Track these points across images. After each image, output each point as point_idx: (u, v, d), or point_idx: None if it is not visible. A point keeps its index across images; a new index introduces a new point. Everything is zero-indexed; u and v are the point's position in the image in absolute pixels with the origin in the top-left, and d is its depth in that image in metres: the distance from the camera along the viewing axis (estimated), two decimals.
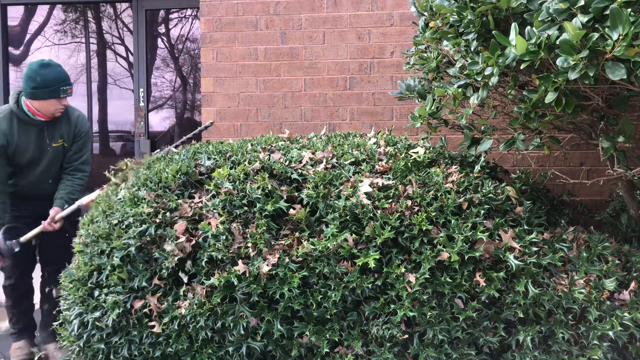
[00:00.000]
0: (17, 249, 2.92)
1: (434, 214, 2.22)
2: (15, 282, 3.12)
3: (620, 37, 1.66)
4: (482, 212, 2.25)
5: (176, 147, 3.02)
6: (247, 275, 2.16)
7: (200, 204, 2.37)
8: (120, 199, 2.52)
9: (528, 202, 2.39)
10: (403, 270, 2.13)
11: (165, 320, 2.20)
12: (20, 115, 2.88)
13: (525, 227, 2.29)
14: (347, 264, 2.17)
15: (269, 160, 2.52)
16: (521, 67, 1.94)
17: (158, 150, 3.04)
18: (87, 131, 3.13)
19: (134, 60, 5.03)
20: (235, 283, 2.15)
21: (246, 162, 2.52)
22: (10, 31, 5.24)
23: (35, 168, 3.00)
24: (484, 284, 2.13)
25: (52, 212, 2.95)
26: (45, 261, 3.19)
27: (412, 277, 2.12)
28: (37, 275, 3.33)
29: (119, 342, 2.28)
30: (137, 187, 2.52)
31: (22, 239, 2.98)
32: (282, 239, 2.28)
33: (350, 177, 2.43)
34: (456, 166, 2.55)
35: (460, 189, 2.36)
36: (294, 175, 2.43)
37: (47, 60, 2.87)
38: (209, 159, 2.59)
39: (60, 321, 2.47)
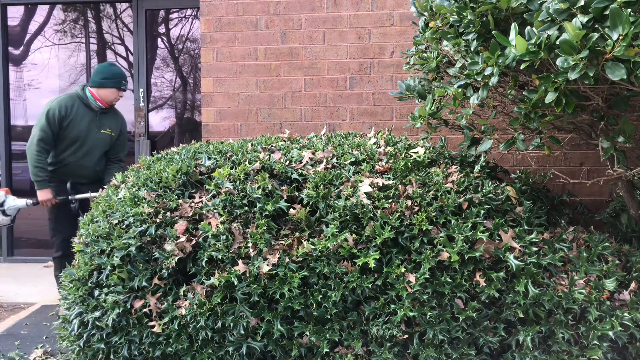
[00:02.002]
0: (72, 200, 3.61)
1: (434, 214, 2.22)
2: (62, 253, 3.64)
3: (620, 37, 1.66)
4: (482, 212, 2.25)
5: None
6: (247, 275, 2.16)
7: (200, 204, 2.37)
8: (120, 198, 2.52)
9: (528, 202, 2.39)
10: (403, 270, 2.13)
11: (165, 320, 2.20)
12: (83, 99, 3.65)
13: (525, 227, 2.29)
14: (347, 264, 2.17)
15: (269, 160, 2.52)
16: (521, 67, 1.94)
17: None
18: (126, 129, 3.97)
19: (134, 60, 5.03)
20: (236, 283, 2.15)
21: (246, 162, 2.53)
22: (10, 31, 5.24)
23: (80, 147, 3.63)
24: (484, 284, 2.13)
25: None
26: None
27: (412, 277, 2.12)
28: None
29: (119, 341, 2.28)
30: (138, 187, 2.53)
31: (78, 196, 3.60)
32: (282, 239, 2.28)
33: (350, 177, 2.43)
34: (456, 166, 2.55)
35: (460, 189, 2.36)
36: (294, 175, 2.43)
37: (113, 62, 3.95)
38: (209, 158, 2.59)
39: (60, 320, 2.48)
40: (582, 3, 1.76)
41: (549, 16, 1.86)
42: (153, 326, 2.24)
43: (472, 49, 2.21)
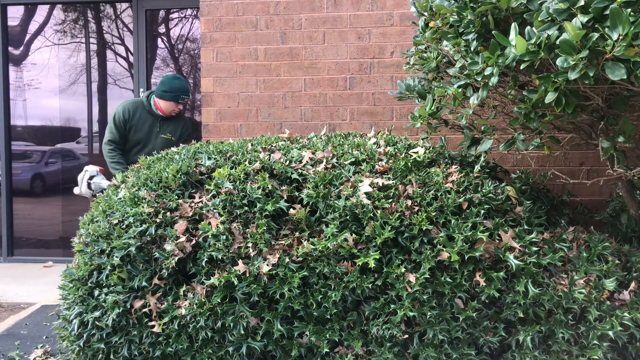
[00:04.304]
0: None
1: (434, 213, 2.22)
2: None
3: (620, 37, 1.66)
4: (482, 212, 2.25)
5: None
6: (247, 275, 2.16)
7: (200, 204, 2.37)
8: (120, 198, 2.52)
9: (528, 202, 2.39)
10: (403, 270, 2.13)
11: (165, 320, 2.20)
12: (146, 106, 3.90)
13: (525, 227, 2.29)
14: (347, 263, 2.17)
15: (269, 160, 2.52)
16: (521, 67, 1.94)
17: None
18: (190, 132, 4.09)
19: (134, 60, 5.03)
20: (236, 283, 2.15)
21: (246, 162, 2.53)
22: (10, 31, 5.24)
23: (141, 149, 3.91)
24: (484, 284, 2.13)
25: None
26: None
27: (412, 277, 2.12)
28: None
29: (119, 341, 2.28)
30: (138, 187, 2.53)
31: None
32: (282, 238, 2.28)
33: (350, 177, 2.43)
34: (456, 166, 2.55)
35: (460, 189, 2.36)
36: (294, 175, 2.43)
37: (178, 75, 3.95)
38: (209, 158, 2.59)
39: (60, 320, 2.47)
40: (582, 3, 1.76)
41: (549, 16, 1.86)
42: (153, 326, 2.24)
43: (472, 49, 2.21)
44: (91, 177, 3.79)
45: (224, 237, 2.23)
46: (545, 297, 2.12)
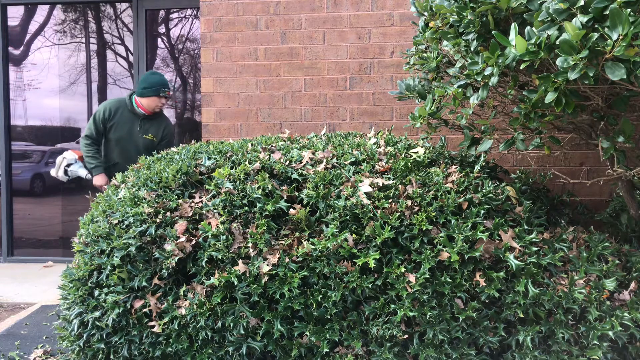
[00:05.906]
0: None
1: (434, 213, 2.22)
2: None
3: (620, 37, 1.66)
4: (482, 212, 2.25)
5: None
6: (247, 275, 2.16)
7: (200, 204, 2.37)
8: (120, 198, 2.52)
9: (528, 202, 2.39)
10: (403, 270, 2.13)
11: (165, 320, 2.20)
12: (128, 105, 3.91)
13: (525, 227, 2.29)
14: (347, 264, 2.17)
15: (269, 160, 2.52)
16: (521, 67, 1.94)
17: None
18: (172, 135, 4.10)
19: (134, 60, 5.03)
20: (236, 283, 2.15)
21: (246, 162, 2.53)
22: (10, 31, 5.24)
23: (123, 149, 3.91)
24: (484, 284, 2.13)
25: None
26: None
27: (412, 277, 2.12)
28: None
29: (119, 341, 2.28)
30: (138, 187, 2.53)
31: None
32: (282, 239, 2.28)
33: (350, 177, 2.43)
34: (456, 166, 2.55)
35: (460, 189, 2.36)
36: (294, 175, 2.43)
37: (155, 71, 4.02)
38: (209, 158, 2.59)
39: (60, 320, 2.47)
40: (582, 3, 1.76)
41: (549, 16, 1.86)
42: (153, 326, 2.24)
43: (472, 49, 2.21)
44: (68, 165, 3.89)
45: (224, 237, 2.23)
46: (545, 297, 2.12)
